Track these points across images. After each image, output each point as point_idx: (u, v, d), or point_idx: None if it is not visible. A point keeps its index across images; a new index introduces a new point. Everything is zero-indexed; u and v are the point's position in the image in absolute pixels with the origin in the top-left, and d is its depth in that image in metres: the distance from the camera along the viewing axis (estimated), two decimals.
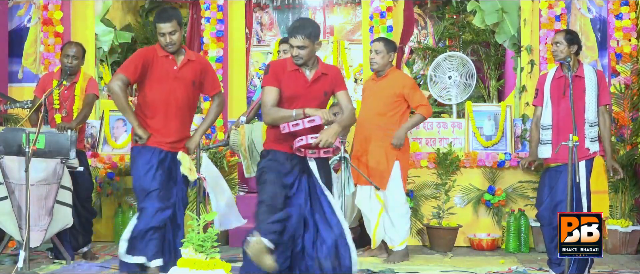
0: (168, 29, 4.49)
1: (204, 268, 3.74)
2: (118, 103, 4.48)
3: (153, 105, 4.56)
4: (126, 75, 4.47)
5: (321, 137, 4.09)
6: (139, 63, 4.50)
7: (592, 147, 4.91)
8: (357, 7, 10.21)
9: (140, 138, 4.49)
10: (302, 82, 4.26)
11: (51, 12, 7.31)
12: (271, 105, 4.21)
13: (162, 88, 4.55)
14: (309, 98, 4.27)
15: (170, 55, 4.57)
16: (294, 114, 4.14)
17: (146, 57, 4.55)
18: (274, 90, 4.22)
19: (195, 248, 3.80)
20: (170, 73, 4.57)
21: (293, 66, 4.26)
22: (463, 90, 7.41)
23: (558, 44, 4.91)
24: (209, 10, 7.37)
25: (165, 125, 4.57)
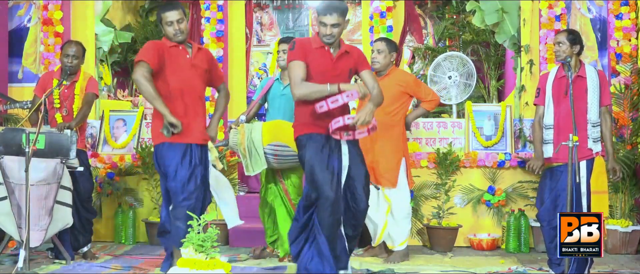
0: (175, 16, 4.44)
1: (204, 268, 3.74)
2: (146, 93, 4.33)
3: (172, 96, 4.46)
4: (147, 61, 4.34)
5: (359, 116, 4.10)
6: (156, 50, 4.41)
7: (595, 147, 4.91)
8: (357, 7, 10.20)
9: (174, 127, 4.33)
10: (327, 59, 4.28)
11: (51, 12, 7.31)
12: (302, 79, 4.19)
13: (179, 77, 4.46)
14: (334, 75, 4.28)
15: (179, 44, 4.50)
16: (328, 88, 4.12)
17: (160, 45, 4.46)
18: (301, 65, 4.22)
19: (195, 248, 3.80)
20: (186, 62, 4.49)
21: (318, 43, 4.28)
22: (463, 90, 7.42)
23: (560, 44, 4.91)
24: (209, 10, 7.37)
25: (186, 115, 4.48)
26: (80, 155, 5.73)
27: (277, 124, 5.55)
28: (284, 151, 5.42)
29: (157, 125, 4.49)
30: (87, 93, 5.78)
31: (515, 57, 7.38)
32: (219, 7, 7.37)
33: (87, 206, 5.91)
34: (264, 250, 5.96)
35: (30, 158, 5.05)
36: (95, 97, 5.86)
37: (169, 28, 4.44)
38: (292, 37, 5.95)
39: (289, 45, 4.34)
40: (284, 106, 5.73)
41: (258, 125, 5.54)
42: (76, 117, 5.66)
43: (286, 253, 5.72)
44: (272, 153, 5.42)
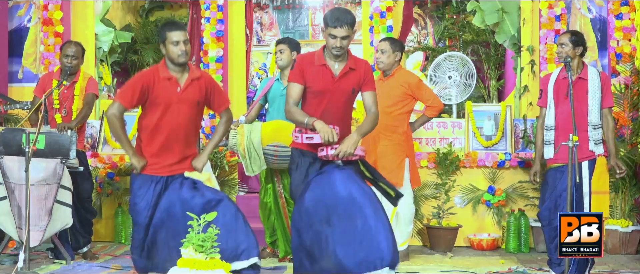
0: (182, 37, 4.28)
1: (204, 268, 3.74)
2: (113, 132, 4.36)
3: (154, 129, 4.35)
4: (123, 103, 4.29)
5: (340, 148, 4.07)
6: (137, 89, 4.28)
7: (597, 150, 4.91)
8: (357, 7, 10.20)
9: (135, 168, 4.32)
10: (328, 78, 4.22)
11: (51, 12, 7.31)
12: (293, 103, 4.22)
13: (164, 112, 4.33)
14: (336, 94, 4.24)
15: (172, 76, 4.33)
16: (305, 121, 4.13)
17: (146, 81, 4.31)
18: (297, 87, 4.21)
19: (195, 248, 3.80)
20: (173, 96, 4.32)
21: (321, 60, 4.22)
22: (463, 90, 7.41)
23: (563, 45, 4.91)
24: (209, 10, 7.37)
25: (167, 148, 4.36)
26: (80, 155, 5.73)
27: (276, 124, 5.55)
28: (284, 152, 5.41)
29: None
30: (87, 94, 5.78)
31: (515, 57, 7.38)
32: (219, 7, 7.37)
33: (87, 207, 5.91)
34: (263, 250, 5.96)
35: (30, 158, 5.05)
36: (95, 97, 5.86)
37: (174, 48, 4.28)
38: (290, 38, 5.96)
39: (291, 64, 4.33)
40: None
41: (257, 126, 5.54)
42: (76, 118, 5.66)
43: (286, 253, 5.72)
44: (272, 153, 5.42)
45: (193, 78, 4.38)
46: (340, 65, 4.24)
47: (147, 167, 4.33)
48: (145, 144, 4.38)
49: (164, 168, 4.36)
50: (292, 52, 5.78)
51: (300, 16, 10.54)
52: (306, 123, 4.12)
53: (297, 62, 4.25)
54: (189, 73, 4.38)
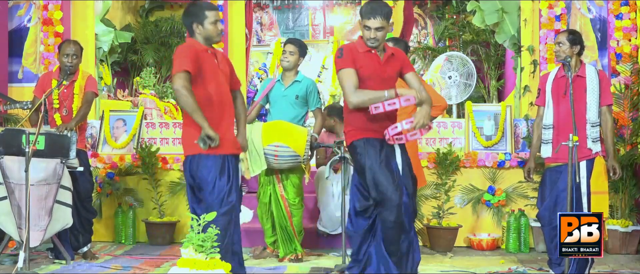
0: (219, 16, 4.26)
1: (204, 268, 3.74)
2: (187, 105, 4.00)
3: (209, 104, 4.15)
4: (186, 68, 4.02)
5: (418, 120, 4.08)
6: (193, 55, 4.09)
7: (594, 147, 4.90)
8: (357, 7, 10.21)
9: (212, 140, 4.02)
10: (376, 62, 4.25)
11: (51, 12, 7.31)
12: (355, 87, 4.15)
13: (214, 84, 4.19)
14: (383, 79, 4.26)
15: (208, 49, 4.25)
16: (386, 94, 4.09)
17: (195, 50, 4.14)
18: (353, 72, 4.18)
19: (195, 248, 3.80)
20: (215, 67, 4.24)
21: (364, 47, 4.24)
22: (463, 90, 7.42)
23: (561, 44, 4.91)
24: None
25: (220, 125, 4.18)
26: (80, 155, 5.73)
27: (277, 125, 5.55)
28: (284, 152, 5.42)
29: (190, 134, 4.17)
30: (86, 92, 5.77)
31: (515, 57, 7.38)
32: (219, 7, 7.36)
33: (87, 206, 5.90)
34: (264, 250, 5.96)
35: (30, 158, 5.05)
36: (94, 95, 5.85)
37: (214, 27, 4.20)
38: (302, 42, 5.91)
39: (337, 53, 4.26)
40: (286, 107, 5.72)
41: (258, 126, 5.54)
42: (75, 117, 5.66)
43: (286, 253, 5.73)
44: (272, 153, 5.42)
45: (218, 52, 4.39)
46: (381, 52, 4.30)
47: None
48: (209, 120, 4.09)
49: (227, 144, 4.19)
50: (300, 58, 5.78)
51: (300, 16, 10.55)
52: (387, 95, 4.07)
53: (344, 50, 4.23)
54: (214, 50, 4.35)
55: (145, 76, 9.05)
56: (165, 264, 5.67)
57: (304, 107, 5.80)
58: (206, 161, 4.13)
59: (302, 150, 5.46)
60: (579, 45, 4.93)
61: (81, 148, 5.77)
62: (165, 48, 9.69)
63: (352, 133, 4.29)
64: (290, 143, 5.42)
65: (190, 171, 4.22)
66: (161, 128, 7.27)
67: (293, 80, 5.77)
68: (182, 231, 6.84)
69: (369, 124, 4.21)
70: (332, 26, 10.52)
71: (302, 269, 5.50)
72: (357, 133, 4.25)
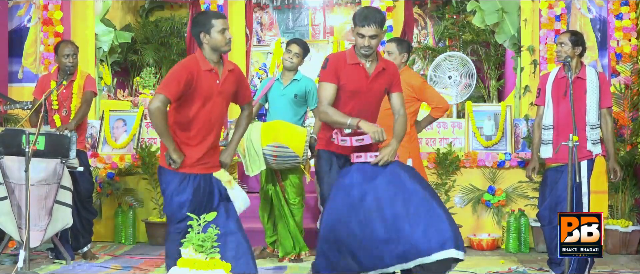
0: (227, 24, 4.08)
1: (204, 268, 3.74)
2: (157, 127, 3.98)
3: (191, 124, 4.10)
4: (167, 95, 3.95)
5: (381, 157, 4.01)
6: (182, 81, 3.98)
7: (594, 149, 4.91)
8: (357, 7, 10.20)
9: (174, 162, 4.04)
10: (362, 77, 4.11)
11: (51, 12, 7.31)
12: (328, 103, 4.06)
13: (204, 106, 4.09)
14: (369, 95, 4.15)
15: (213, 68, 4.11)
16: (348, 122, 3.99)
17: (190, 72, 4.02)
18: (331, 87, 4.06)
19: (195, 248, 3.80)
20: (213, 89, 4.09)
21: (353, 59, 4.10)
22: (463, 90, 7.41)
23: (562, 45, 4.91)
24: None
25: (200, 143, 4.13)
26: (80, 155, 5.73)
27: (276, 125, 5.55)
28: (283, 152, 5.41)
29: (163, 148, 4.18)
30: (85, 92, 5.77)
31: (515, 57, 7.38)
32: (219, 7, 7.37)
33: (87, 207, 5.90)
34: (264, 250, 5.96)
35: (30, 158, 5.05)
36: (93, 95, 5.85)
37: (220, 36, 4.04)
38: (306, 44, 5.90)
39: (323, 63, 4.16)
40: (285, 106, 5.72)
41: (257, 126, 5.54)
42: (74, 117, 5.66)
43: (286, 253, 5.73)
44: (271, 154, 5.42)
45: (229, 69, 4.19)
46: (371, 64, 4.14)
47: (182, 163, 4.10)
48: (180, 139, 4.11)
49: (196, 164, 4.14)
50: (302, 60, 5.77)
51: (300, 16, 10.54)
52: (349, 124, 3.98)
53: (330, 61, 4.11)
54: (225, 65, 4.17)
55: (145, 76, 9.05)
56: None
57: (303, 106, 5.80)
58: (167, 173, 4.14)
59: (301, 150, 5.45)
60: (580, 46, 4.92)
61: (81, 148, 5.77)
62: (165, 48, 9.69)
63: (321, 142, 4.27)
64: (289, 143, 5.41)
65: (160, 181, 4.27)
66: None
67: (292, 79, 5.77)
68: None
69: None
70: (332, 26, 10.52)
71: (302, 269, 5.50)
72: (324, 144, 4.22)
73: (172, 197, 4.12)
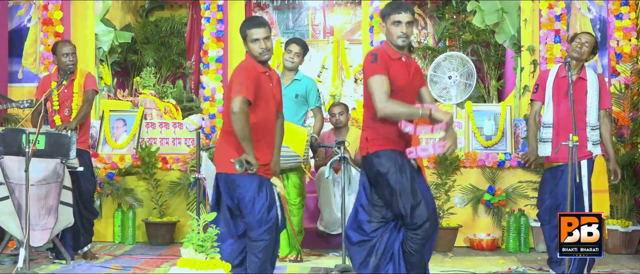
0: (263, 34, 4.02)
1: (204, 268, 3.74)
2: (241, 131, 3.89)
3: (257, 128, 4.02)
4: (247, 96, 3.91)
5: (449, 145, 3.80)
6: (253, 80, 3.97)
7: (595, 150, 4.91)
8: (357, 7, 10.21)
9: (251, 166, 3.94)
10: (406, 73, 3.93)
11: (51, 12, 7.30)
12: (388, 96, 3.79)
13: (263, 110, 4.06)
14: (410, 90, 3.98)
15: (267, 71, 4.10)
16: (420, 112, 3.80)
17: (254, 73, 4.01)
18: (386, 80, 3.81)
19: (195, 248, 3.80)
20: (268, 91, 4.09)
21: (395, 54, 3.92)
22: (463, 90, 7.41)
23: (586, 45, 4.89)
24: (209, 10, 7.36)
25: (265, 148, 4.11)
26: (83, 155, 5.73)
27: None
28: (284, 152, 5.40)
29: (227, 152, 4.06)
30: (86, 91, 5.74)
31: (515, 57, 7.38)
32: (219, 7, 7.36)
33: (88, 207, 5.90)
34: None
35: (30, 158, 5.05)
36: (95, 93, 5.82)
37: (254, 45, 4.03)
38: (305, 44, 5.90)
39: (370, 58, 3.89)
40: (286, 106, 5.71)
41: None
42: (75, 117, 5.64)
43: (286, 253, 5.72)
44: None
45: (274, 74, 4.21)
46: (408, 59, 3.99)
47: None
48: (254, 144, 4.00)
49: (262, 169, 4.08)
50: (303, 58, 5.77)
51: (300, 16, 10.55)
52: (422, 114, 3.80)
53: (379, 55, 3.87)
54: (270, 70, 4.18)
55: (145, 76, 9.05)
56: (165, 264, 5.67)
57: (303, 106, 5.80)
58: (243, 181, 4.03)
59: (302, 150, 5.45)
60: (594, 54, 4.95)
61: (84, 148, 5.76)
62: (165, 48, 9.70)
63: (376, 142, 3.95)
64: (290, 143, 5.41)
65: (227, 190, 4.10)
66: (161, 128, 7.27)
67: (292, 78, 5.77)
68: (182, 231, 6.84)
69: (397, 136, 3.92)
70: (332, 26, 10.52)
71: (302, 269, 5.50)
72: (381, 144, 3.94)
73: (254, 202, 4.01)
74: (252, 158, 3.93)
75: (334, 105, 6.79)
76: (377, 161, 3.93)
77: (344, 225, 5.34)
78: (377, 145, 3.94)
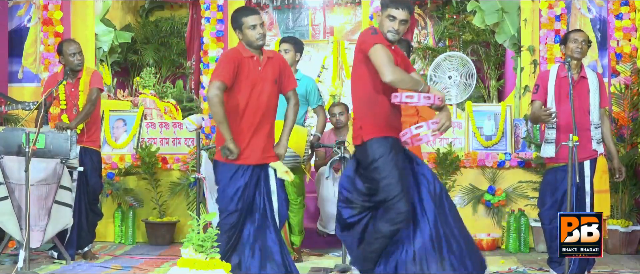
0: (258, 20, 4.22)
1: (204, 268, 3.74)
2: (216, 115, 4.07)
3: (236, 112, 4.19)
4: (223, 80, 4.07)
5: (443, 121, 3.85)
6: (232, 65, 4.13)
7: (599, 148, 4.93)
8: (357, 7, 10.21)
9: (231, 152, 4.09)
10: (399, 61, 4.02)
11: (51, 12, 7.30)
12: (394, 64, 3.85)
13: (247, 93, 4.20)
14: None
15: (254, 55, 4.25)
16: (422, 85, 3.84)
17: (236, 57, 4.18)
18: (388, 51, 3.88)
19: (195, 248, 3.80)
20: (257, 75, 4.22)
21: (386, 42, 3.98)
22: (463, 90, 7.41)
23: (584, 42, 4.91)
24: (209, 10, 7.36)
25: (254, 134, 4.23)
26: (92, 155, 5.72)
27: (277, 124, 5.54)
28: None
29: (220, 140, 4.21)
30: (91, 90, 5.69)
31: (515, 57, 7.38)
32: (219, 7, 7.36)
33: (94, 209, 5.89)
34: None
35: (30, 158, 5.05)
36: (99, 91, 5.74)
37: (252, 31, 4.21)
38: (295, 38, 5.90)
39: (369, 30, 3.99)
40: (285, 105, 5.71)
41: None
42: (77, 117, 5.62)
43: None
44: None
45: (268, 56, 4.33)
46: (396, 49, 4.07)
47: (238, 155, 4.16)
48: (234, 129, 4.16)
49: (252, 154, 4.22)
50: (296, 54, 5.76)
51: (300, 16, 10.55)
52: (423, 87, 3.84)
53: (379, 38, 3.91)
54: (264, 53, 4.32)
55: (145, 76, 9.05)
56: (165, 264, 5.67)
57: (304, 106, 5.80)
58: (222, 167, 4.24)
59: (302, 150, 5.45)
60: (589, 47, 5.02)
61: (94, 147, 5.75)
62: (165, 48, 9.70)
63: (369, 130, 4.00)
64: (290, 143, 5.41)
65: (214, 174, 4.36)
66: (161, 128, 7.27)
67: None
68: (182, 231, 6.84)
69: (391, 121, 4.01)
70: (332, 26, 10.52)
71: (302, 269, 5.50)
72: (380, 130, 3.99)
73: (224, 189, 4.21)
74: (230, 143, 4.08)
75: (334, 105, 6.79)
76: (371, 149, 3.98)
77: None
78: (372, 133, 4.00)
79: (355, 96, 4.14)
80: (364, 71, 4.03)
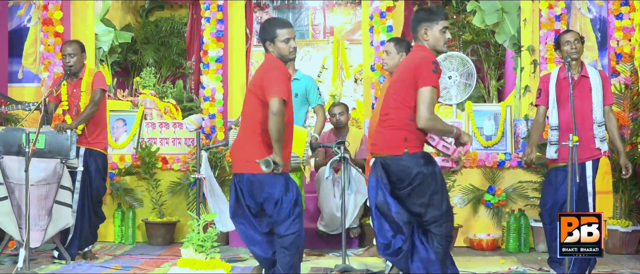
0: (292, 34, 4.13)
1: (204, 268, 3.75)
2: (278, 132, 3.97)
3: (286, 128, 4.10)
4: (284, 97, 4.01)
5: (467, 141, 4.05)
6: (288, 82, 4.09)
7: (603, 147, 4.93)
8: (357, 7, 10.21)
9: (278, 167, 3.99)
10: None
11: (51, 12, 7.30)
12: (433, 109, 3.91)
13: (290, 108, 4.20)
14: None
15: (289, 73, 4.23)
16: (454, 131, 3.99)
17: (287, 74, 4.13)
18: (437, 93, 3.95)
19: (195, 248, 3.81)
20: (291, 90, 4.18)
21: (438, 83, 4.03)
22: (463, 90, 7.41)
23: (577, 41, 4.92)
24: (209, 10, 7.36)
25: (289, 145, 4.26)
26: (97, 157, 5.71)
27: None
28: None
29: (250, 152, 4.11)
30: (94, 90, 5.70)
31: (515, 57, 7.38)
32: (219, 7, 7.36)
33: (97, 211, 5.89)
34: None
35: (30, 158, 5.05)
36: (102, 92, 5.73)
37: (285, 45, 4.11)
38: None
39: (431, 66, 3.90)
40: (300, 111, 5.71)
41: None
42: (78, 118, 5.62)
43: None
44: None
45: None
46: None
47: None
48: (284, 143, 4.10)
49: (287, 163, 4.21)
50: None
51: (300, 16, 10.55)
52: (455, 133, 3.99)
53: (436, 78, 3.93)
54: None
55: (145, 76, 9.05)
56: (165, 264, 5.67)
57: (303, 105, 5.79)
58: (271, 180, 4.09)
59: (302, 151, 5.44)
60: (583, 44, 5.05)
61: (100, 149, 5.74)
62: (165, 48, 9.70)
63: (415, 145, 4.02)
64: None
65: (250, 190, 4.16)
66: (161, 128, 7.28)
67: (292, 78, 5.76)
68: (182, 231, 6.85)
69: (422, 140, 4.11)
70: (332, 26, 10.52)
71: (302, 269, 5.49)
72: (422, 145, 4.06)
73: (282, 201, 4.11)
74: (279, 158, 3.98)
75: (334, 105, 6.79)
76: (418, 162, 3.98)
77: (344, 225, 5.35)
78: (417, 147, 4.02)
79: (403, 104, 4.00)
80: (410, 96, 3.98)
